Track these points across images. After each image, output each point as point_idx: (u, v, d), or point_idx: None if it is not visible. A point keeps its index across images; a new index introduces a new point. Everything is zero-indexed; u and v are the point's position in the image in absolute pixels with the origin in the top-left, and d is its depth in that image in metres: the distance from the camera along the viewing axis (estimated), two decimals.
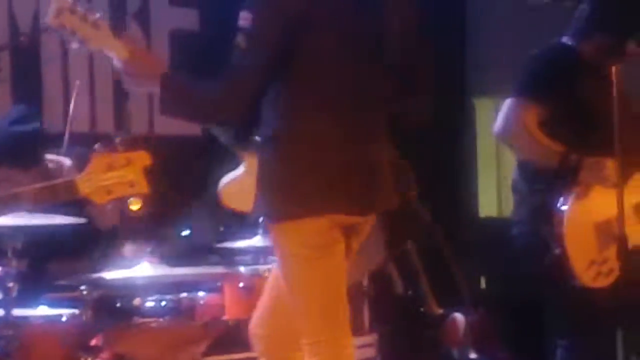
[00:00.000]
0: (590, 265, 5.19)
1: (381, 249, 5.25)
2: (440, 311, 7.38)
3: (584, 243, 5.23)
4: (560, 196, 5.30)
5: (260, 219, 6.06)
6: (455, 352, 7.38)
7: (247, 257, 6.25)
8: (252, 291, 5.97)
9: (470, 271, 7.95)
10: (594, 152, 5.20)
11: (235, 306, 5.98)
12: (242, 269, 6.17)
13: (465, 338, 7.45)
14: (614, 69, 4.97)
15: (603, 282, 5.06)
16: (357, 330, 6.58)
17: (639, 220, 5.31)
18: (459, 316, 7.45)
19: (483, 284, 8.19)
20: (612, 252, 5.03)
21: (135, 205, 5.41)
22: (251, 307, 5.88)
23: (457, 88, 8.53)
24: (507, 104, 5.48)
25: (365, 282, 6.79)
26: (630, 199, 5.21)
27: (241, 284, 6.01)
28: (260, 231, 6.19)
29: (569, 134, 5.31)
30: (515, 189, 5.68)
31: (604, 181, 5.29)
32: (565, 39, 5.58)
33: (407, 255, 7.26)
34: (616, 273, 5.11)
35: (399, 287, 6.89)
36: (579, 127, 5.22)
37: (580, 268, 5.24)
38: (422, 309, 7.31)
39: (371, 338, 6.73)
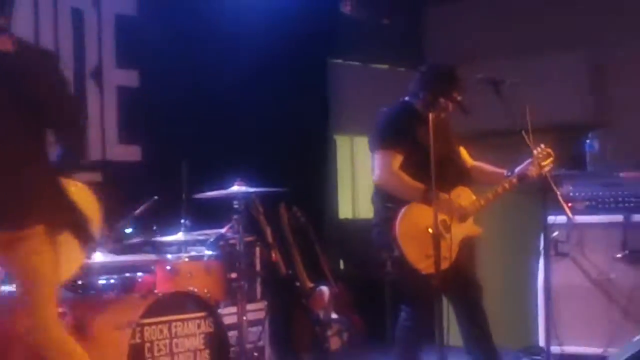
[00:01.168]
0: (425, 258, 5.14)
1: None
2: (311, 285, 7.39)
3: (417, 243, 5.19)
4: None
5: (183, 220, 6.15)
6: (321, 314, 7.40)
7: (173, 248, 6.20)
8: (176, 272, 5.99)
9: (332, 257, 7.98)
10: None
11: (164, 283, 5.95)
12: (169, 256, 6.11)
13: (329, 304, 7.46)
14: (430, 115, 4.97)
15: (438, 269, 4.93)
16: (251, 299, 6.63)
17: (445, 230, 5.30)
18: (324, 288, 7.46)
19: (342, 265, 8.19)
20: (443, 245, 5.01)
21: None
22: (176, 283, 5.93)
23: (323, 127, 8.54)
24: (377, 156, 5.42)
25: (257, 266, 6.83)
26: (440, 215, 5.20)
27: (168, 267, 5.99)
28: (182, 229, 6.20)
29: (418, 171, 5.25)
30: (373, 202, 5.65)
31: (449, 213, 5.35)
32: (407, 98, 5.58)
33: (288, 246, 7.29)
34: (447, 262, 5.17)
35: (282, 268, 6.87)
36: (422, 164, 5.07)
37: (415, 261, 5.25)
38: (297, 284, 7.32)
39: (261, 304, 6.73)
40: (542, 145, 5.47)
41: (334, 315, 7.43)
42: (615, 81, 7.81)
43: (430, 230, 4.93)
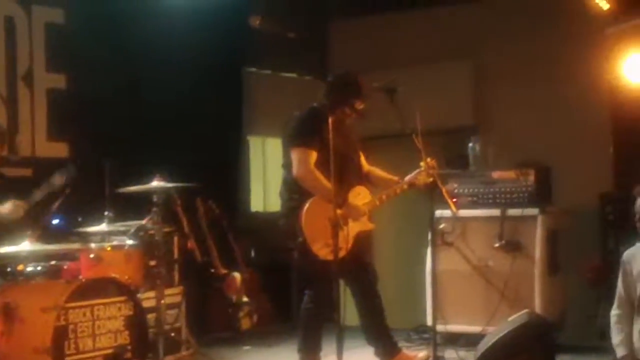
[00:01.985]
0: (324, 246, 5.14)
1: None
2: (224, 271, 7.37)
3: (318, 232, 5.18)
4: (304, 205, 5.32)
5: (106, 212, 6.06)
6: (234, 298, 7.38)
7: (97, 237, 6.10)
8: (99, 260, 5.92)
9: (244, 246, 7.94)
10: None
11: (88, 270, 5.87)
12: (93, 245, 6.00)
13: (241, 288, 7.46)
14: (330, 119, 4.87)
15: (337, 256, 4.83)
16: (169, 284, 6.55)
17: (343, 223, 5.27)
18: (236, 274, 7.46)
19: (253, 253, 8.17)
20: (340, 236, 4.98)
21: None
22: (99, 270, 5.83)
23: (237, 129, 8.51)
24: (295, 154, 5.39)
25: (175, 254, 6.76)
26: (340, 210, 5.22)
27: (92, 255, 5.91)
28: (106, 220, 6.11)
29: (324, 169, 5.19)
30: (281, 196, 5.63)
31: (354, 216, 5.38)
32: (315, 104, 5.55)
33: (204, 236, 7.24)
34: (344, 251, 5.15)
35: (198, 256, 6.81)
36: (328, 163, 4.88)
37: (316, 248, 5.25)
38: (212, 270, 7.29)
39: (178, 289, 6.65)
40: (429, 159, 5.51)
41: (245, 299, 7.43)
42: (495, 88, 7.92)
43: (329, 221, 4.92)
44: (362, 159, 5.83)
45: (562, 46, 7.35)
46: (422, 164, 5.50)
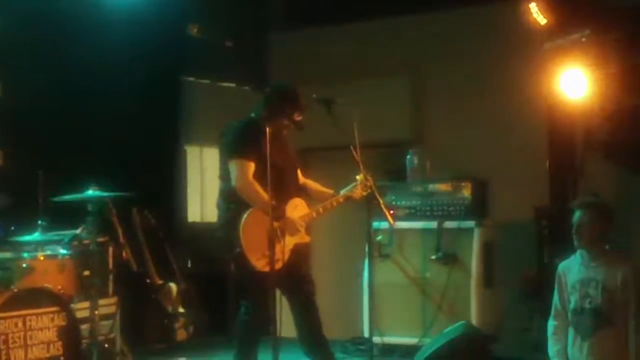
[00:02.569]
0: (262, 257, 5.11)
1: None
2: (160, 282, 7.32)
3: (256, 243, 5.14)
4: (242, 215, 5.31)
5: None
6: (169, 309, 7.33)
7: (30, 247, 6.01)
8: (32, 270, 5.82)
9: (181, 256, 7.91)
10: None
11: (20, 280, 5.73)
12: (25, 254, 5.91)
13: (177, 299, 7.41)
14: (267, 129, 4.92)
15: (273, 267, 4.88)
16: (104, 294, 6.48)
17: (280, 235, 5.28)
18: (172, 285, 7.42)
19: (189, 264, 8.13)
20: (277, 248, 4.99)
21: None
22: (31, 280, 5.74)
23: (175, 138, 8.48)
24: (234, 165, 5.34)
25: (110, 264, 6.70)
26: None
27: (24, 265, 5.81)
28: (39, 229, 6.03)
29: (261, 180, 5.17)
30: (218, 207, 5.59)
31: (291, 231, 5.37)
32: (252, 115, 5.52)
33: (139, 246, 7.19)
34: (280, 263, 5.10)
35: (133, 266, 6.76)
36: (265, 174, 4.93)
37: (254, 259, 5.21)
38: (148, 280, 7.24)
39: (113, 300, 6.58)
40: (365, 173, 5.52)
41: (181, 310, 7.38)
42: (433, 103, 7.98)
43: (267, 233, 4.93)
44: (299, 171, 5.85)
45: (501, 61, 7.43)
46: (358, 177, 5.53)
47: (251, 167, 5.34)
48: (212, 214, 7.27)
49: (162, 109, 8.13)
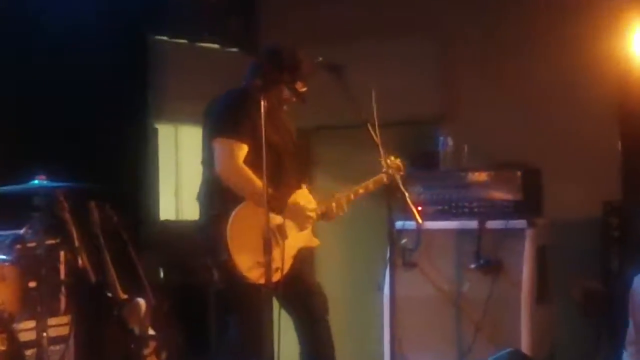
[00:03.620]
0: (255, 265, 5.12)
1: None
2: (125, 296, 7.29)
3: (248, 248, 5.16)
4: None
5: None
6: (136, 330, 7.31)
7: None
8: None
9: (152, 264, 7.90)
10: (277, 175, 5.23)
11: None
12: None
13: (145, 318, 7.38)
14: (262, 102, 4.92)
15: (271, 279, 4.92)
16: (54, 312, 6.48)
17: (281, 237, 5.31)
18: (140, 300, 7.39)
19: (162, 274, 8.13)
20: (276, 254, 5.03)
21: None
22: None
23: (143, 114, 8.43)
24: (218, 145, 5.37)
25: (61, 273, 6.68)
26: (275, 219, 5.23)
27: None
28: None
29: (256, 167, 5.17)
30: (199, 201, 5.62)
31: (299, 220, 5.40)
32: (244, 84, 5.54)
33: (99, 251, 7.17)
34: (279, 274, 5.14)
35: (91, 276, 6.74)
36: (261, 158, 4.96)
37: (245, 269, 5.22)
38: (109, 294, 7.21)
39: (66, 318, 6.58)
40: (392, 157, 5.50)
41: (151, 331, 7.35)
42: (468, 70, 7.90)
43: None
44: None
45: (556, 18, 7.39)
46: (383, 162, 5.46)
47: (242, 149, 5.35)
48: (190, 211, 7.29)
49: (127, 78, 8.06)
